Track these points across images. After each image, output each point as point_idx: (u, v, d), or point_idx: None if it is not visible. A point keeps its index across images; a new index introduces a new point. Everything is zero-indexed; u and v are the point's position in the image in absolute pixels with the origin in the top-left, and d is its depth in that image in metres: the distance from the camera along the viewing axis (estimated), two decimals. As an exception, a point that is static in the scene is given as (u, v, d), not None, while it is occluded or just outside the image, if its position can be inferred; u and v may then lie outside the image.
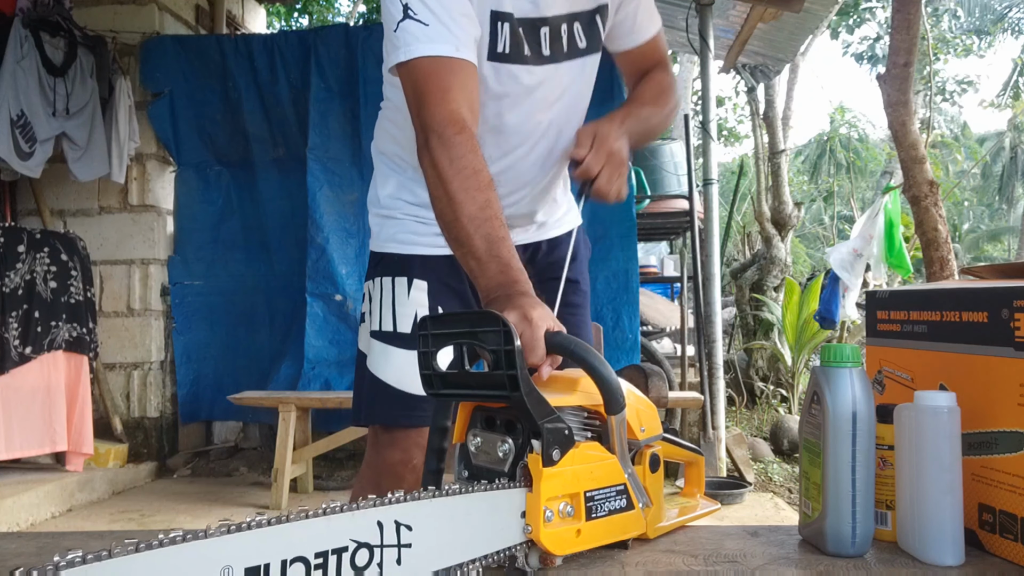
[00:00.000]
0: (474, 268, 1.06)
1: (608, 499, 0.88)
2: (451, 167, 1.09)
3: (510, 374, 0.81)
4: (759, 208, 7.34)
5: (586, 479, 0.86)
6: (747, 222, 10.58)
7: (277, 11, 7.63)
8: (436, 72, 1.13)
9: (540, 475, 0.81)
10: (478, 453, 0.89)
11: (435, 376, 0.90)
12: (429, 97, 1.13)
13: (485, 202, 1.08)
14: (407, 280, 1.35)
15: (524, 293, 1.00)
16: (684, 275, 5.44)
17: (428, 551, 0.75)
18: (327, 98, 4.32)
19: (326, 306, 4.25)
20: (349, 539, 0.69)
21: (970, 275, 1.54)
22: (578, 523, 0.84)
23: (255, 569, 0.63)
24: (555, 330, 0.94)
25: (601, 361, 0.89)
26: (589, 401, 0.91)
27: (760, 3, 4.38)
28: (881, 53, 12.48)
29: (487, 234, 1.05)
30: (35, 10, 3.75)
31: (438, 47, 1.13)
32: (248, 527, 0.64)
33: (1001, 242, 22.33)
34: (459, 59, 1.14)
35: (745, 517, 3.48)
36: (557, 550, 0.83)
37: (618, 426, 0.90)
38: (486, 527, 0.80)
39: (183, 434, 4.53)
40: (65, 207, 4.38)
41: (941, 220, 3.49)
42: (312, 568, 0.67)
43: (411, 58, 1.14)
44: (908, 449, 0.92)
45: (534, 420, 0.82)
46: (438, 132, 1.11)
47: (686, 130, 4.56)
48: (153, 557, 0.59)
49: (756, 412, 6.19)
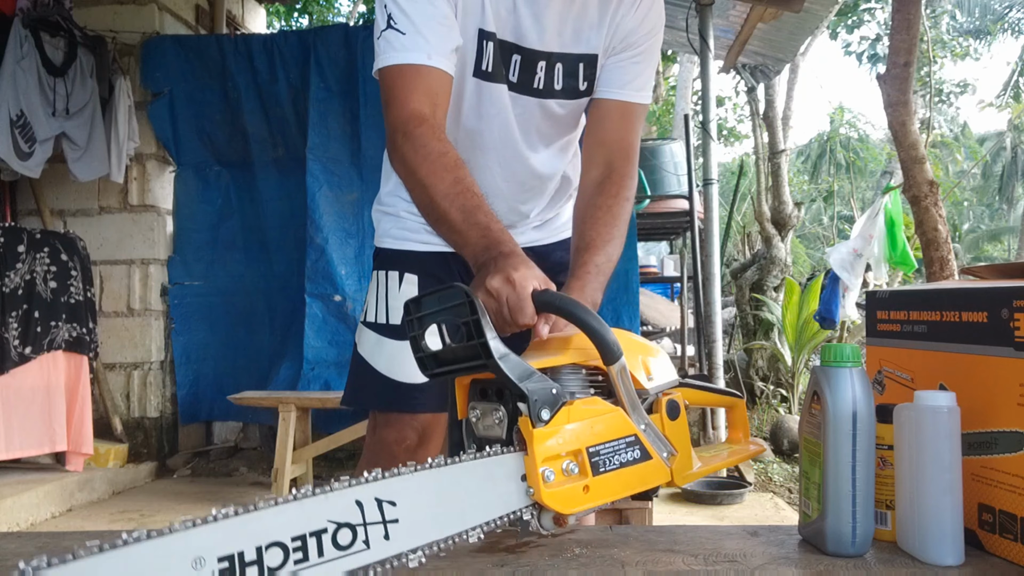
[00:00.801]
0: (457, 241, 1.09)
1: (618, 452, 0.87)
2: (416, 155, 1.12)
3: (481, 342, 0.83)
4: (759, 208, 7.34)
5: (586, 435, 0.85)
6: (747, 222, 10.58)
7: (277, 11, 7.63)
8: (403, 77, 1.17)
9: (531, 436, 0.81)
10: (478, 425, 0.90)
11: (427, 357, 0.91)
12: (394, 101, 1.17)
13: (455, 180, 1.10)
14: (399, 274, 1.41)
15: (507, 254, 1.01)
16: (684, 275, 5.44)
17: (417, 524, 0.74)
18: (327, 98, 4.31)
19: (325, 306, 4.24)
20: (327, 520, 0.69)
21: (970, 275, 1.53)
22: (584, 479, 0.84)
23: (229, 557, 0.62)
24: (542, 288, 0.95)
25: (591, 314, 0.88)
26: (583, 358, 0.91)
27: (760, 3, 4.38)
28: (882, 53, 12.48)
29: (462, 205, 1.08)
30: (35, 10, 3.75)
31: (410, 55, 1.17)
32: (215, 519, 0.64)
33: (1001, 242, 22.33)
34: (428, 66, 1.17)
35: (745, 517, 3.48)
36: (564, 508, 0.82)
37: (619, 376, 0.89)
38: (484, 494, 0.80)
39: (183, 434, 4.53)
40: (65, 207, 4.38)
41: (941, 220, 3.49)
42: (291, 551, 0.66)
43: (384, 66, 1.19)
44: (908, 449, 0.92)
45: (514, 383, 0.82)
46: (401, 130, 1.15)
47: (686, 130, 4.56)
48: (118, 556, 0.58)
49: (756, 412, 6.19)
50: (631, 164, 1.33)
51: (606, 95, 1.34)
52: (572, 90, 1.34)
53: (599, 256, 1.22)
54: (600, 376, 0.92)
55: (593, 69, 1.33)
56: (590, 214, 1.27)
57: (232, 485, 4.11)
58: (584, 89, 1.34)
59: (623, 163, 1.32)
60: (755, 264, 7.34)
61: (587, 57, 1.32)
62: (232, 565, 0.63)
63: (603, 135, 1.34)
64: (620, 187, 1.29)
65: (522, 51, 1.29)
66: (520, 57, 1.29)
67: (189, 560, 0.61)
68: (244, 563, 0.63)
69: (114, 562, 0.58)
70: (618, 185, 1.29)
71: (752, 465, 4.32)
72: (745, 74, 5.85)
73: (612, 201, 1.27)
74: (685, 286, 5.48)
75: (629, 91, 1.34)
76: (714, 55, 4.76)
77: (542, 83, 1.32)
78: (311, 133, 4.27)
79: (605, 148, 1.32)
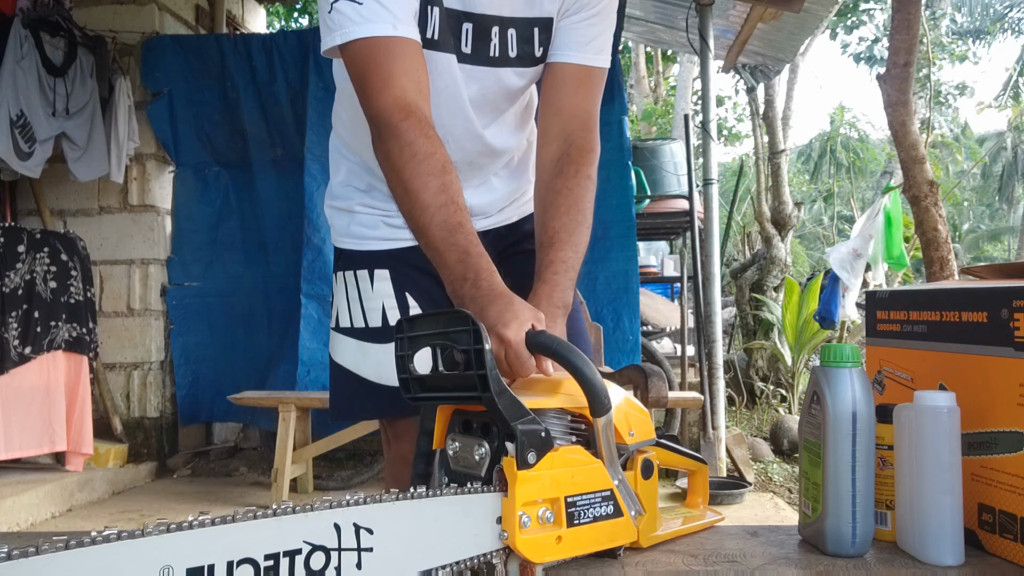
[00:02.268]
0: (434, 258, 1.04)
1: (593, 505, 0.84)
2: (401, 155, 1.05)
3: (480, 374, 0.80)
4: (759, 208, 7.34)
5: (567, 484, 0.82)
6: (747, 222, 10.57)
7: (277, 11, 7.63)
8: (375, 56, 1.07)
9: (515, 478, 0.79)
10: (456, 458, 0.87)
11: (412, 380, 0.89)
12: (371, 86, 1.08)
13: (440, 187, 1.03)
14: (368, 272, 1.30)
15: (491, 297, 0.96)
16: (684, 275, 5.44)
17: (391, 555, 0.72)
18: (325, 97, 4.30)
19: (321, 307, 4.22)
20: (303, 541, 0.67)
21: (970, 275, 1.53)
22: (558, 529, 0.81)
23: (198, 570, 0.61)
24: (537, 329, 0.92)
25: (585, 361, 0.86)
26: (572, 403, 0.88)
27: (760, 3, 4.37)
28: (879, 55, 12.47)
29: (443, 221, 1.02)
30: (35, 10, 3.75)
31: (374, 27, 1.07)
32: (190, 526, 0.62)
33: (1001, 242, 22.32)
34: (398, 37, 1.07)
35: (745, 517, 3.48)
36: (535, 557, 0.79)
37: (604, 429, 0.87)
38: (458, 532, 0.77)
39: (183, 434, 4.53)
40: (65, 207, 4.38)
41: (941, 220, 3.49)
42: (262, 570, 0.64)
43: (347, 40, 1.08)
44: (908, 449, 0.92)
45: (507, 421, 0.80)
46: (385, 121, 1.06)
47: (686, 130, 4.56)
48: (85, 555, 0.56)
49: (756, 412, 6.19)
50: (592, 135, 1.22)
51: (562, 59, 1.23)
52: (528, 57, 1.23)
53: (565, 251, 1.12)
54: (583, 425, 0.89)
55: (548, 33, 1.22)
56: (551, 200, 1.17)
57: (232, 485, 4.11)
58: (540, 55, 1.23)
59: (583, 135, 1.21)
60: (755, 264, 7.34)
61: (541, 21, 1.21)
62: None
63: (559, 104, 1.23)
64: (580, 163, 1.19)
65: (473, 17, 1.18)
66: (471, 24, 1.18)
67: (157, 567, 0.59)
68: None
69: (77, 561, 0.56)
70: (578, 162, 1.19)
71: (752, 465, 4.32)
72: (745, 74, 5.85)
73: (573, 182, 1.18)
74: (685, 286, 5.48)
75: (587, 53, 1.22)
76: (714, 55, 4.75)
77: (496, 50, 1.20)
78: (309, 132, 4.25)
79: (562, 119, 1.22)
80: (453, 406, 0.89)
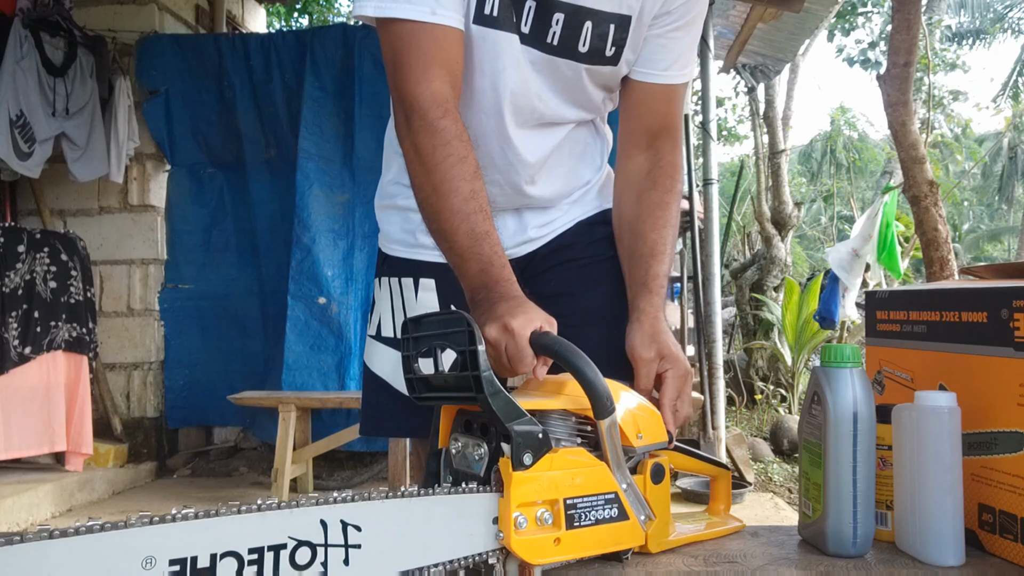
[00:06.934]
0: (456, 264, 1.02)
1: (595, 508, 0.84)
2: (435, 154, 1.01)
3: (474, 375, 0.80)
4: (759, 208, 7.35)
5: (566, 485, 0.82)
6: (747, 222, 10.57)
7: (277, 11, 7.62)
8: (416, 42, 1.03)
9: (510, 479, 0.78)
10: (458, 457, 0.87)
11: (416, 380, 0.89)
12: (409, 72, 1.03)
13: (470, 193, 1.01)
14: (413, 281, 1.27)
15: (506, 297, 0.95)
16: (684, 275, 5.44)
17: (380, 553, 0.72)
18: (321, 98, 4.29)
19: (308, 309, 4.15)
20: (288, 536, 0.67)
21: (970, 275, 1.53)
22: (557, 531, 0.80)
23: (181, 561, 0.61)
24: (543, 330, 0.92)
25: (587, 363, 0.85)
26: (575, 405, 0.87)
27: (760, 3, 4.38)
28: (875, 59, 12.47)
29: (470, 229, 1.00)
30: (35, 10, 3.75)
31: (415, 9, 1.02)
32: (174, 519, 0.62)
33: (1001, 242, 22.31)
34: (441, 25, 1.03)
35: (745, 517, 3.45)
36: (531, 558, 0.79)
37: (608, 431, 0.86)
38: (452, 531, 0.77)
39: (183, 434, 4.53)
40: (65, 207, 4.38)
41: (941, 220, 3.49)
42: (246, 563, 0.64)
43: (385, 17, 1.03)
44: (908, 449, 0.92)
45: (501, 422, 0.80)
46: (421, 114, 1.02)
47: (686, 130, 4.55)
48: (68, 545, 0.57)
49: (756, 412, 6.19)
50: (678, 150, 1.24)
51: (650, 79, 1.19)
52: (598, 54, 1.14)
53: (665, 264, 1.16)
54: (589, 427, 0.88)
55: (624, 34, 1.14)
56: (648, 212, 1.18)
57: (232, 485, 4.11)
58: (611, 55, 1.15)
59: (671, 150, 1.22)
60: (755, 264, 7.34)
61: (620, 18, 1.13)
62: (183, 569, 0.61)
63: (647, 121, 1.22)
64: (673, 180, 1.21)
65: None
66: (535, 4, 1.10)
67: (140, 559, 0.59)
68: (196, 569, 0.61)
69: (61, 550, 0.56)
70: (671, 178, 1.21)
71: (752, 465, 4.32)
72: (745, 74, 5.85)
73: (669, 197, 1.19)
74: (685, 286, 5.48)
75: (675, 71, 1.20)
76: (714, 55, 4.76)
77: (557, 38, 1.12)
78: (303, 132, 4.23)
79: (650, 134, 1.22)
80: (457, 406, 0.89)
